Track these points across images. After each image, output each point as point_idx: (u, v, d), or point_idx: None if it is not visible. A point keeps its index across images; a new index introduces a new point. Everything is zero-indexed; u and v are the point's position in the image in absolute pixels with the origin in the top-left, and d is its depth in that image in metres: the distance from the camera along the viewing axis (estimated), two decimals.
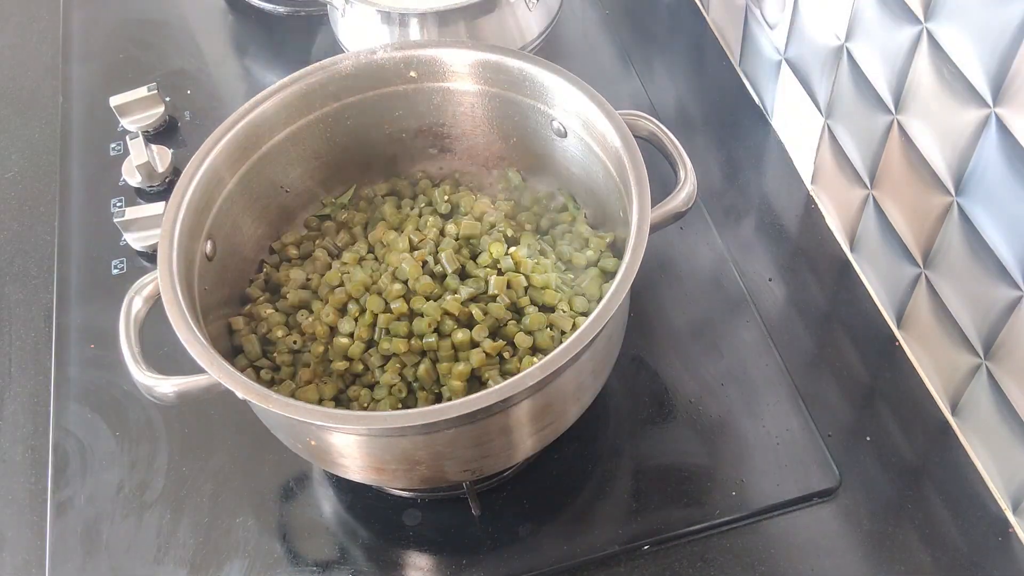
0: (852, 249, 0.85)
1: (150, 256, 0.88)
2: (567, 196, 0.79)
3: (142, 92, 0.97)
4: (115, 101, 0.97)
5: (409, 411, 0.58)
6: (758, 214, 0.90)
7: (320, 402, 0.67)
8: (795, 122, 0.90)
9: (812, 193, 0.90)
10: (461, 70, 0.75)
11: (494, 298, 0.70)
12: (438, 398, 0.67)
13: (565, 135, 0.74)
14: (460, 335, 0.68)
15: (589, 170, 0.74)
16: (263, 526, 0.73)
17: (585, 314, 0.70)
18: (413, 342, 0.68)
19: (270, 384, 0.69)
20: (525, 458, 0.71)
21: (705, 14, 1.06)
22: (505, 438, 0.63)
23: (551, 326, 0.69)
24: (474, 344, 0.68)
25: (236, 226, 0.74)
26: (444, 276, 0.72)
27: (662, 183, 0.75)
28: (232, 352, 0.71)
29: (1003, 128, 0.60)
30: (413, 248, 0.74)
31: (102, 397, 0.80)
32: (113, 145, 0.97)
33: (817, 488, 0.72)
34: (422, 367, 0.67)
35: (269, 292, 0.75)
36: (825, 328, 0.82)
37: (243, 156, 0.72)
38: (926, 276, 0.74)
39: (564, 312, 0.70)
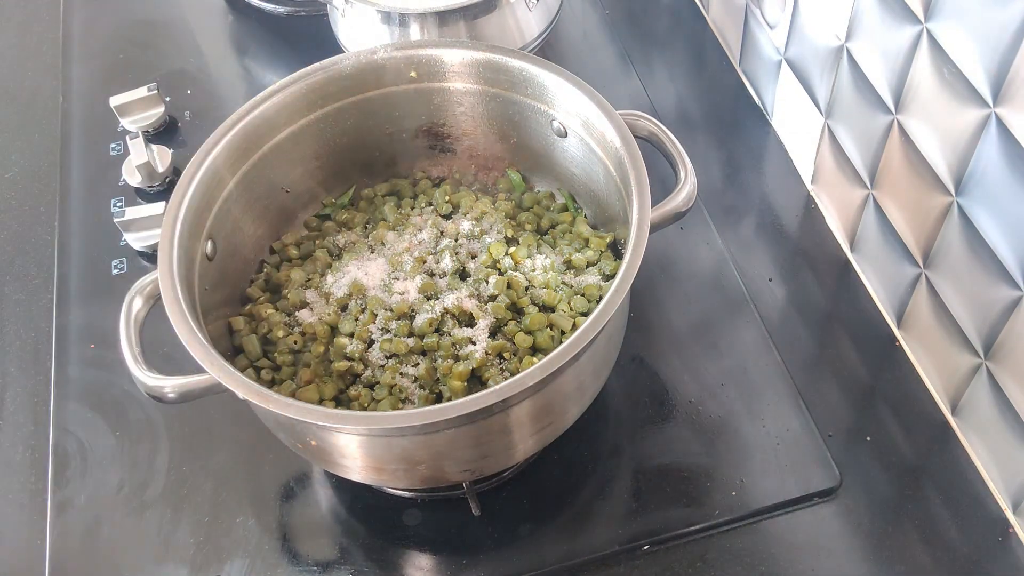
0: (852, 249, 0.85)
1: (150, 256, 0.88)
2: (567, 196, 0.79)
3: (142, 92, 0.97)
4: (115, 101, 0.97)
5: (409, 411, 0.58)
6: (758, 214, 0.90)
7: (320, 402, 0.67)
8: (795, 122, 0.90)
9: (812, 193, 0.90)
10: (461, 70, 0.75)
11: (494, 298, 0.70)
12: (438, 398, 0.67)
13: (565, 135, 0.75)
14: (460, 334, 0.68)
15: (589, 170, 0.74)
16: (263, 526, 0.73)
17: (585, 314, 0.70)
18: (413, 342, 0.68)
19: (270, 384, 0.69)
20: (525, 458, 0.71)
21: (705, 14, 1.06)
22: (505, 438, 0.63)
23: (551, 326, 0.69)
24: (474, 344, 0.68)
25: (236, 226, 0.74)
26: (444, 276, 0.72)
27: (662, 183, 0.75)
28: (232, 352, 0.71)
29: (1003, 128, 0.60)
30: (413, 248, 0.74)
31: (102, 397, 0.80)
32: (113, 145, 0.97)
33: (817, 488, 0.72)
34: (422, 367, 0.67)
35: (269, 292, 0.75)
36: (825, 328, 0.82)
37: (243, 156, 0.72)
38: (926, 276, 0.74)
39: (564, 312, 0.70)
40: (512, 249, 0.73)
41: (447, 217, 0.78)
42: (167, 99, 1.00)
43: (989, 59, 0.59)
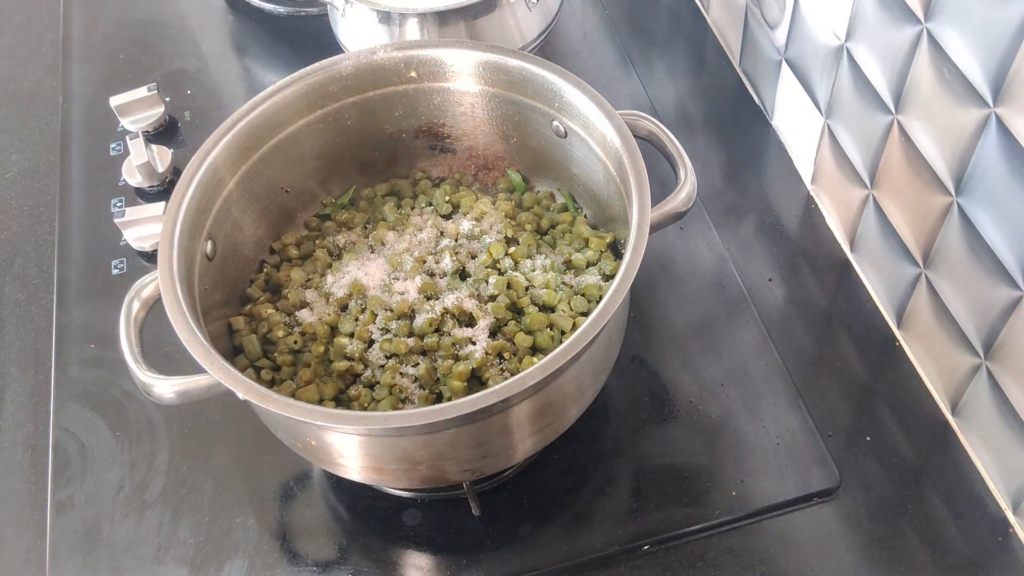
0: (852, 249, 0.85)
1: (150, 256, 0.88)
2: (567, 196, 0.79)
3: (142, 92, 0.97)
4: (115, 101, 0.97)
5: (409, 411, 0.58)
6: (758, 214, 0.90)
7: (320, 402, 0.67)
8: (795, 122, 0.90)
9: (812, 193, 0.90)
10: (461, 70, 0.75)
11: (494, 298, 0.70)
12: (438, 398, 0.67)
13: (565, 135, 0.75)
14: (460, 334, 0.68)
15: (589, 170, 0.74)
16: (263, 526, 0.73)
17: (585, 314, 0.70)
18: (413, 342, 0.68)
19: (270, 384, 0.69)
20: (525, 458, 0.71)
21: (705, 14, 1.06)
22: (505, 438, 0.63)
23: (551, 326, 0.69)
24: (474, 344, 0.68)
25: (236, 226, 0.74)
26: (444, 276, 0.72)
27: (662, 183, 0.75)
28: (232, 352, 0.71)
29: (1003, 128, 0.60)
30: (413, 248, 0.74)
31: (102, 397, 0.80)
32: (113, 145, 0.97)
33: (817, 488, 0.72)
34: (422, 367, 0.67)
35: (269, 292, 0.75)
36: (825, 328, 0.82)
37: (243, 156, 0.72)
38: (926, 276, 0.74)
39: (564, 312, 0.70)
40: (512, 249, 0.73)
41: (447, 217, 0.78)
42: (167, 99, 1.00)
43: (989, 59, 0.59)
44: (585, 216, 0.79)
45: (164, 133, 0.98)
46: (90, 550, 0.72)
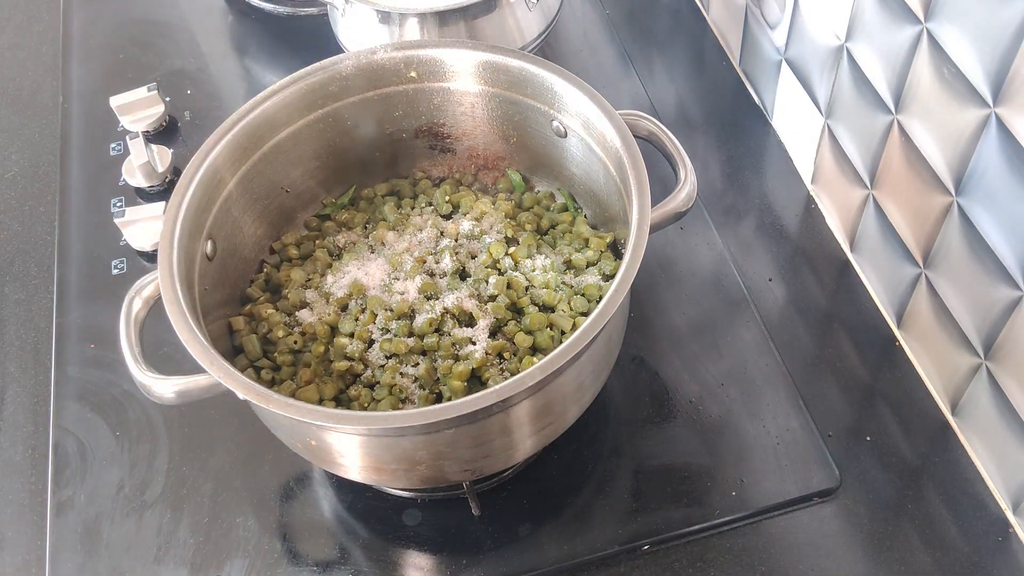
0: (852, 249, 0.85)
1: (150, 256, 0.88)
2: (567, 196, 0.79)
3: (142, 92, 0.97)
4: (115, 101, 0.97)
5: (409, 411, 0.58)
6: (758, 214, 0.90)
7: (320, 402, 0.67)
8: (795, 122, 0.90)
9: (812, 193, 0.90)
10: (461, 70, 0.75)
11: (494, 298, 0.70)
12: (438, 398, 0.67)
13: (565, 135, 0.75)
14: (460, 334, 0.68)
15: (589, 170, 0.74)
16: (263, 526, 0.73)
17: (585, 314, 0.70)
18: (413, 342, 0.68)
19: (270, 384, 0.69)
20: (525, 458, 0.71)
21: (705, 14, 1.06)
22: (505, 438, 0.63)
23: (551, 326, 0.69)
24: (474, 344, 0.68)
25: (236, 226, 0.74)
26: (444, 276, 0.72)
27: (662, 183, 0.75)
28: (232, 352, 0.71)
29: (1003, 128, 0.60)
30: (413, 248, 0.74)
31: (102, 397, 0.80)
32: (113, 145, 0.97)
33: (817, 488, 0.72)
34: (422, 367, 0.67)
35: (269, 292, 0.75)
36: (825, 328, 0.82)
37: (243, 156, 0.72)
38: (926, 276, 0.74)
39: (564, 312, 0.70)
40: (512, 249, 0.73)
41: (447, 217, 0.78)
42: (167, 99, 1.00)
43: (989, 59, 0.59)
44: (585, 216, 0.79)
45: (164, 133, 0.98)
46: (90, 550, 0.72)
